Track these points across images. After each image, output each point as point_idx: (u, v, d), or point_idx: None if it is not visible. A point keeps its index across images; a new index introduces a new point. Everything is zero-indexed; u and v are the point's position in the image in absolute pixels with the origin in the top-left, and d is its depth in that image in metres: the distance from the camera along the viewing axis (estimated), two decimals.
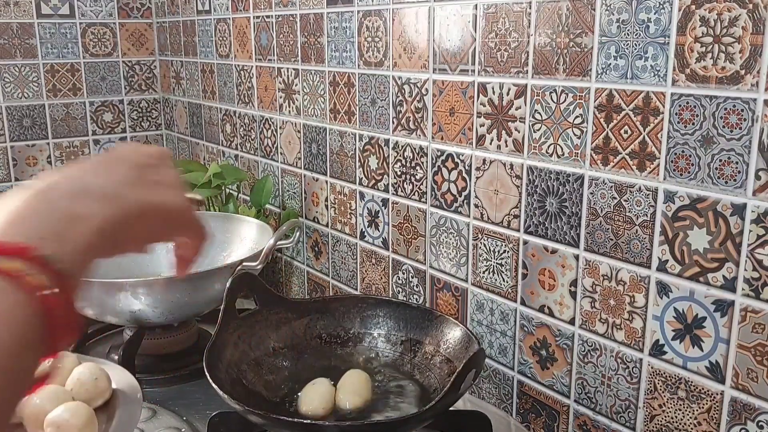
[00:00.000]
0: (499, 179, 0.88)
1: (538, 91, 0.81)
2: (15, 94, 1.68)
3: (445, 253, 0.98)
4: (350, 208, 1.16)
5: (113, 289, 0.92)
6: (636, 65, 0.70)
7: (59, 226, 0.42)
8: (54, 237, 0.41)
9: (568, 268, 0.81)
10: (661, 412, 0.74)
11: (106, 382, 0.77)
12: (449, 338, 0.84)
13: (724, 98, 0.63)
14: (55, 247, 0.40)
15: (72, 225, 0.42)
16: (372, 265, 1.14)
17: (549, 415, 0.87)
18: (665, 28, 0.67)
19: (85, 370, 0.77)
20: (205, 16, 1.54)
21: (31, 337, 0.38)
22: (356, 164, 1.13)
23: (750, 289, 0.64)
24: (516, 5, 0.81)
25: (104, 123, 1.81)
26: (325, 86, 1.17)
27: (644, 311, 0.73)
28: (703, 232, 0.67)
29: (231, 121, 1.52)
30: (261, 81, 1.37)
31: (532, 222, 0.84)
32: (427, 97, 0.96)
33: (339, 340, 0.91)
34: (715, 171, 0.65)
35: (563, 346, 0.83)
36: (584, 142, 0.76)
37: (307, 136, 1.25)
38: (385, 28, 1.01)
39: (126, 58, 1.81)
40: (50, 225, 0.42)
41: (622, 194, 0.73)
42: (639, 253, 0.73)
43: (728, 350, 0.66)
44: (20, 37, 1.66)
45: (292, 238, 1.14)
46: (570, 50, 0.76)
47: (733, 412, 0.67)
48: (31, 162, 1.73)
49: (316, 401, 0.78)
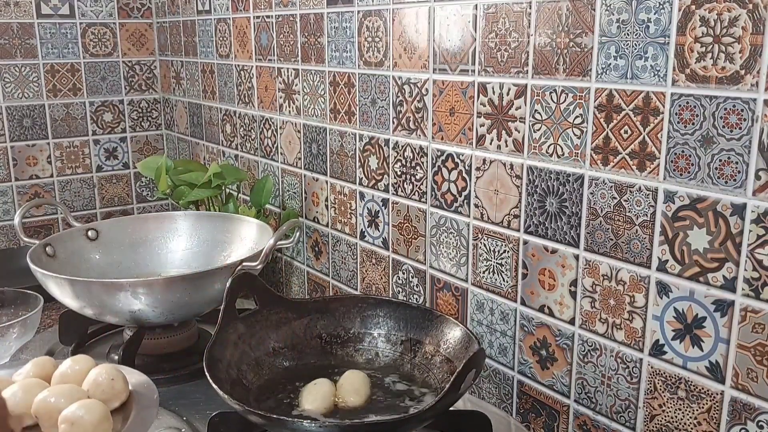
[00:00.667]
0: (499, 179, 0.88)
1: (538, 91, 0.81)
2: (15, 94, 1.68)
3: (445, 253, 0.98)
4: (350, 208, 1.16)
5: (113, 289, 0.92)
6: (636, 65, 0.70)
7: None
8: None
9: (568, 268, 0.81)
10: (661, 412, 0.74)
11: (123, 383, 0.77)
12: (449, 338, 0.84)
13: (724, 98, 0.63)
14: None
15: None
16: (372, 265, 1.14)
17: (549, 415, 0.87)
18: (665, 28, 0.67)
19: (102, 371, 0.76)
20: (206, 16, 1.54)
21: None
22: (356, 164, 1.13)
23: (750, 289, 0.64)
24: (516, 5, 0.81)
25: (104, 123, 1.81)
26: (326, 86, 1.17)
27: (644, 311, 0.73)
28: (703, 232, 0.67)
29: (231, 121, 1.52)
30: (261, 81, 1.37)
31: (532, 222, 0.84)
32: (427, 97, 0.96)
33: (339, 340, 0.91)
34: (715, 171, 0.65)
35: (563, 346, 0.83)
36: (584, 142, 0.76)
37: (307, 136, 1.25)
38: (385, 28, 1.01)
39: (126, 58, 1.81)
40: None
41: (622, 194, 0.73)
42: (639, 253, 0.73)
43: (728, 350, 0.66)
44: (20, 37, 1.66)
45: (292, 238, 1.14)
46: (570, 50, 0.76)
47: (733, 412, 0.67)
48: (31, 162, 1.73)
49: (316, 401, 0.78)
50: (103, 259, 1.15)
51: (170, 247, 1.20)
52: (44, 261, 1.04)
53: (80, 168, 1.80)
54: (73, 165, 1.79)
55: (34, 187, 1.75)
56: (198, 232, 1.20)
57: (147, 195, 1.90)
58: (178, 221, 1.22)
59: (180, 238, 1.21)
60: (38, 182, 1.75)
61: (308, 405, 0.78)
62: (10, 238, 1.72)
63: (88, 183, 1.82)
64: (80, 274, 1.04)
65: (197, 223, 1.21)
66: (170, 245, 1.20)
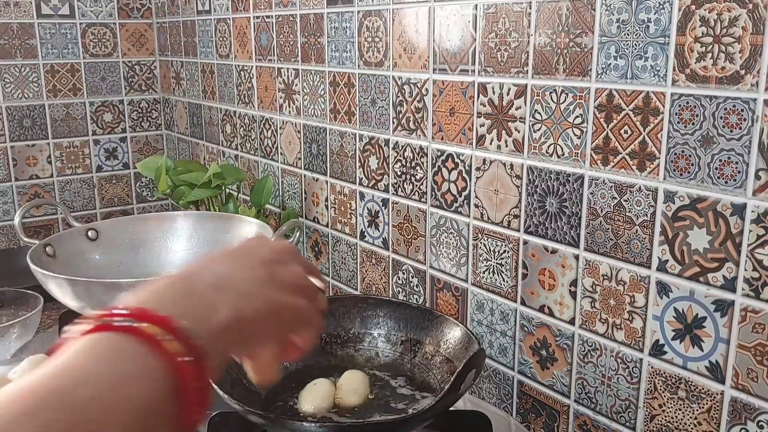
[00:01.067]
0: (499, 179, 0.88)
1: (538, 91, 0.81)
2: (15, 95, 1.68)
3: (445, 253, 0.98)
4: (350, 208, 1.16)
5: (113, 289, 0.92)
6: (636, 65, 0.70)
7: (198, 311, 0.43)
8: (192, 318, 0.41)
9: (568, 268, 0.81)
10: (661, 412, 0.74)
11: None
12: (449, 338, 0.84)
13: (724, 98, 0.63)
14: (194, 326, 0.41)
15: (209, 312, 0.43)
16: (372, 265, 1.14)
17: (549, 415, 0.87)
18: (665, 28, 0.67)
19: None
20: (205, 16, 1.54)
21: (160, 401, 0.38)
22: (356, 164, 1.13)
23: (750, 289, 0.64)
24: (516, 5, 0.81)
25: (104, 123, 1.81)
26: (325, 86, 1.17)
27: (644, 311, 0.73)
28: (703, 232, 0.67)
29: (231, 122, 1.52)
30: (261, 81, 1.37)
31: (532, 222, 0.84)
32: (427, 97, 0.96)
33: (339, 340, 0.91)
34: (715, 171, 0.65)
35: (563, 346, 0.83)
36: (584, 142, 0.76)
37: (307, 136, 1.25)
38: (385, 28, 1.01)
39: (126, 59, 1.81)
40: (190, 308, 0.43)
41: (622, 194, 0.73)
42: (639, 253, 0.73)
43: (728, 350, 0.66)
44: (20, 38, 1.66)
45: (292, 238, 1.14)
46: (570, 50, 0.76)
47: (733, 411, 0.67)
48: (31, 162, 1.73)
49: (316, 401, 0.78)
50: (103, 259, 1.14)
51: (170, 247, 1.20)
52: (44, 261, 1.04)
53: (80, 168, 1.80)
54: (73, 165, 1.79)
55: (34, 187, 1.75)
56: (198, 232, 1.20)
57: (147, 195, 1.90)
58: (178, 221, 1.22)
59: (180, 238, 1.21)
60: (38, 182, 1.75)
61: (308, 405, 0.78)
62: (10, 238, 1.72)
63: (88, 183, 1.82)
64: (80, 274, 1.04)
65: (197, 223, 1.21)
66: (170, 245, 1.20)
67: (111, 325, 0.39)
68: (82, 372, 0.36)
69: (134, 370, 0.37)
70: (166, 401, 0.38)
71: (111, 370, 0.37)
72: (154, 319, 0.39)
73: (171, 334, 0.39)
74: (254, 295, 0.47)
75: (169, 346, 0.38)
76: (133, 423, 0.36)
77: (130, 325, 0.39)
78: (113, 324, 0.39)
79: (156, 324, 0.39)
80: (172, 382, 0.38)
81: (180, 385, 0.38)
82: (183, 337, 0.39)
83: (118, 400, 0.36)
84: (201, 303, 0.44)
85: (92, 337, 0.38)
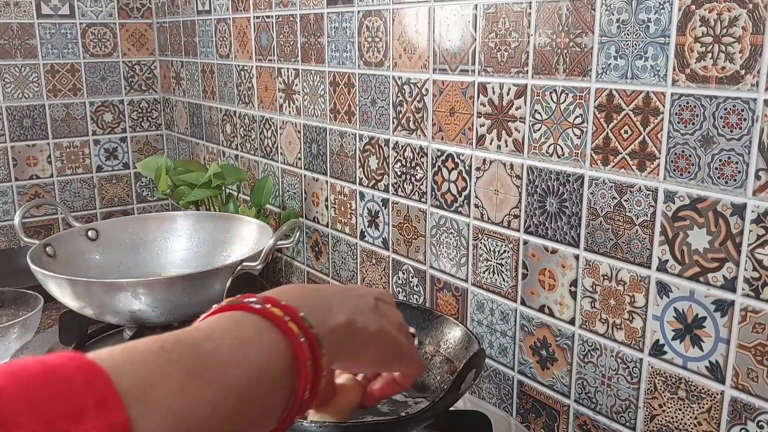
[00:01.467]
0: (499, 179, 0.88)
1: (538, 91, 0.81)
2: (15, 95, 1.68)
3: (445, 253, 0.98)
4: (350, 208, 1.16)
5: (113, 289, 0.92)
6: (636, 65, 0.70)
7: (318, 310, 0.50)
8: (313, 315, 0.48)
9: (568, 268, 0.81)
10: (661, 412, 0.74)
11: None
12: (449, 338, 0.84)
13: (724, 98, 0.63)
14: (313, 320, 0.47)
15: (327, 314, 0.51)
16: (372, 265, 1.14)
17: (549, 415, 0.87)
18: (665, 28, 0.67)
19: None
20: (205, 16, 1.54)
21: (277, 371, 0.43)
22: (356, 164, 1.13)
23: (750, 289, 0.64)
24: (516, 5, 0.81)
25: (104, 123, 1.81)
26: (325, 86, 1.17)
27: (644, 311, 0.73)
28: (703, 232, 0.67)
29: (231, 122, 1.52)
30: (261, 81, 1.37)
31: (532, 222, 0.84)
32: (427, 97, 0.96)
33: None
34: (715, 171, 0.65)
35: (563, 346, 0.83)
36: (584, 142, 0.76)
37: (307, 136, 1.25)
38: (385, 28, 1.01)
39: (126, 59, 1.81)
40: (313, 308, 0.49)
41: (622, 194, 0.73)
42: (639, 253, 0.73)
43: (728, 350, 0.66)
44: (20, 38, 1.66)
45: (292, 238, 1.14)
46: (570, 50, 0.76)
47: (733, 412, 0.67)
48: (31, 162, 1.73)
49: None
50: (103, 259, 1.15)
51: (170, 247, 1.20)
52: (44, 261, 1.04)
53: (80, 168, 1.80)
54: (73, 165, 1.79)
55: (34, 187, 1.75)
56: (198, 232, 1.21)
57: (147, 195, 1.90)
58: (178, 221, 1.22)
59: (180, 238, 1.21)
60: (38, 182, 1.75)
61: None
62: (10, 238, 1.72)
63: (88, 183, 1.82)
64: (80, 274, 1.04)
65: (197, 223, 1.22)
66: (170, 245, 1.20)
67: (243, 305, 0.45)
68: (210, 330, 0.42)
69: (257, 339, 0.43)
70: (282, 373, 0.43)
71: (235, 334, 0.42)
72: (280, 306, 0.46)
73: (294, 322, 0.45)
74: (366, 315, 0.54)
75: (292, 327, 0.44)
76: (249, 382, 0.40)
77: (261, 306, 0.45)
78: (244, 303, 0.45)
79: (282, 310, 0.45)
80: (290, 359, 0.43)
81: (298, 361, 0.44)
82: (303, 326, 0.45)
83: (237, 359, 0.41)
84: (322, 304, 0.51)
85: (225, 313, 0.45)
